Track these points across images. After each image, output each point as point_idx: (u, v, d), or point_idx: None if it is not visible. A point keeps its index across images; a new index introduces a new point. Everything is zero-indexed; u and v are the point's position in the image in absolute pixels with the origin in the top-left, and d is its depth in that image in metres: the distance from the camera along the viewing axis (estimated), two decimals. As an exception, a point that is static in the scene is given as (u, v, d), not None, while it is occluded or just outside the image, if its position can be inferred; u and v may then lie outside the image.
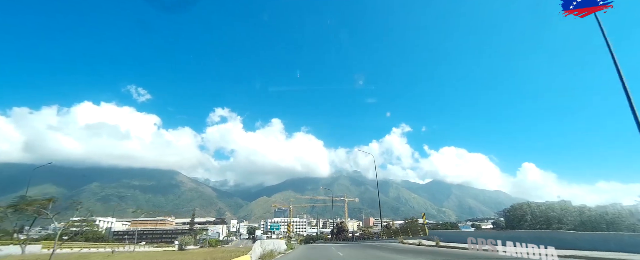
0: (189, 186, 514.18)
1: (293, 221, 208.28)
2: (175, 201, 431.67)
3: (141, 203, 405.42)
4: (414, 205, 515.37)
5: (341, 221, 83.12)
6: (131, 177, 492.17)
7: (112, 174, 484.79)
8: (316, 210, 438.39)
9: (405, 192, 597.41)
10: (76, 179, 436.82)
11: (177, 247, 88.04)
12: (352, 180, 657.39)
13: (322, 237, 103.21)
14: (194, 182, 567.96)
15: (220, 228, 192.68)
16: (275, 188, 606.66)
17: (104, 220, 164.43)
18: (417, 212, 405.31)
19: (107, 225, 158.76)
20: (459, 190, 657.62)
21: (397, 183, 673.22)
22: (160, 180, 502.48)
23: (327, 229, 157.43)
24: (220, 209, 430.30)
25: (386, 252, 24.71)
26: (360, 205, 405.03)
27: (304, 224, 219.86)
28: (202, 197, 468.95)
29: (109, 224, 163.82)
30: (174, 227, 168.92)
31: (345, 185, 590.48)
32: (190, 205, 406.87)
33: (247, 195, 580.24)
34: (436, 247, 25.53)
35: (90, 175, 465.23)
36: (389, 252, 24.53)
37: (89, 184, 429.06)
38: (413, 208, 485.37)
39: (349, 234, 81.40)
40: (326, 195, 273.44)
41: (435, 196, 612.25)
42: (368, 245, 40.16)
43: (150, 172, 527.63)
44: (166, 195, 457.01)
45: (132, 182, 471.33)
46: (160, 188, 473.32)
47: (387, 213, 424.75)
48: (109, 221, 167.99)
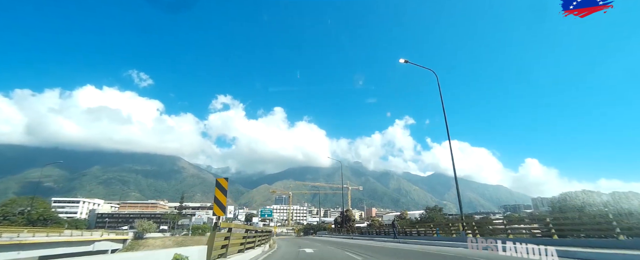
0: (190, 172, 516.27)
1: (293, 209, 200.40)
2: (177, 186, 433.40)
3: (143, 188, 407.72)
4: (414, 197, 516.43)
5: (347, 209, 74.43)
6: (133, 161, 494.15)
7: (114, 158, 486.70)
8: (318, 198, 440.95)
9: (406, 184, 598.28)
10: (78, 162, 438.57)
11: (131, 236, 72.38)
12: (353, 170, 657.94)
13: (325, 227, 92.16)
14: (196, 168, 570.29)
15: None
16: (276, 176, 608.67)
17: (89, 201, 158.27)
18: (418, 204, 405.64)
19: (90, 207, 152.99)
20: (459, 184, 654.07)
21: (399, 175, 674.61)
22: (162, 166, 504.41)
23: (329, 218, 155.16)
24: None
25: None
26: (361, 195, 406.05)
27: (304, 212, 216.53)
28: (203, 183, 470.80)
29: (95, 206, 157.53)
30: (165, 211, 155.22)
31: (346, 176, 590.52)
32: (191, 191, 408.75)
33: (248, 182, 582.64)
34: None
35: (92, 158, 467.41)
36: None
37: (91, 168, 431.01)
38: (413, 200, 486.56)
39: (355, 225, 71.49)
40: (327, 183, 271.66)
41: (436, 189, 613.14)
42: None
43: (152, 157, 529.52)
44: (168, 180, 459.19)
45: (134, 166, 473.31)
46: (162, 173, 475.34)
47: (387, 204, 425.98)
48: (95, 203, 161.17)
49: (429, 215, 56.67)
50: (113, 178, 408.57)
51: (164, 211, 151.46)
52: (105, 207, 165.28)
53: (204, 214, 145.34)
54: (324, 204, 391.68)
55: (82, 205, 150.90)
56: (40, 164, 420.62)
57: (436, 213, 57.61)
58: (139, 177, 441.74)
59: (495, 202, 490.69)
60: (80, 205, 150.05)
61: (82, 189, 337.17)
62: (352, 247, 21.08)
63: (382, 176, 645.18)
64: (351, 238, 40.99)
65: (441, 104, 23.11)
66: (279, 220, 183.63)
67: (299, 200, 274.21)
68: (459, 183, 17.78)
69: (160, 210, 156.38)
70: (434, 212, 58.01)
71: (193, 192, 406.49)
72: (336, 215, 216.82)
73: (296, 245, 27.89)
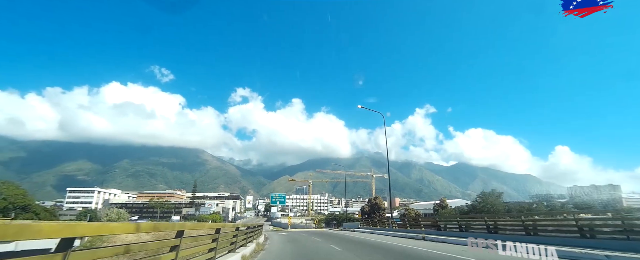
0: (213, 164, 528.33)
1: (313, 198, 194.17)
2: (201, 178, 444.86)
3: (169, 180, 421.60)
4: (437, 187, 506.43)
5: (376, 197, 67.60)
6: (159, 155, 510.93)
7: (141, 152, 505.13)
8: (339, 188, 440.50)
9: (429, 174, 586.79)
10: (108, 156, 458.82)
11: None
12: (374, 161, 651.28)
13: (350, 217, 78.76)
14: (219, 160, 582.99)
15: (233, 203, 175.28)
16: (296, 168, 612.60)
17: (104, 191, 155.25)
18: (441, 195, 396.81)
19: (105, 197, 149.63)
20: (484, 173, 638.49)
21: (420, 165, 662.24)
22: (187, 158, 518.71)
23: (351, 208, 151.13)
24: (243, 186, 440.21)
25: None
26: (382, 186, 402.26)
27: (325, 202, 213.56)
28: (226, 175, 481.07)
29: (111, 196, 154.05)
30: (180, 201, 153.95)
31: (367, 167, 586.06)
32: (215, 182, 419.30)
33: (269, 174, 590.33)
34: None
35: (120, 152, 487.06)
36: None
37: (120, 161, 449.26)
38: (436, 190, 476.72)
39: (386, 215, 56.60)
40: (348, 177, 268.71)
41: (459, 179, 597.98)
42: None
43: (177, 150, 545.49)
44: (193, 172, 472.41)
45: (161, 159, 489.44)
46: (186, 166, 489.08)
47: (409, 195, 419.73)
48: (111, 193, 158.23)
49: (484, 201, 41.05)
50: (141, 171, 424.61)
51: (180, 201, 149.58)
52: (122, 197, 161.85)
53: (215, 203, 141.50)
54: (345, 194, 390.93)
55: (97, 196, 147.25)
56: (74, 158, 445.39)
57: (495, 199, 41.02)
58: (165, 170, 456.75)
59: (523, 192, 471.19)
60: (95, 196, 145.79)
61: (112, 181, 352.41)
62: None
63: (403, 166, 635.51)
64: (402, 233, 24.26)
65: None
66: (299, 211, 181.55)
67: (319, 190, 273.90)
68: (484, 172, 16.67)
69: (176, 200, 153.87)
70: (491, 198, 41.34)
71: (217, 184, 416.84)
72: (359, 205, 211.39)
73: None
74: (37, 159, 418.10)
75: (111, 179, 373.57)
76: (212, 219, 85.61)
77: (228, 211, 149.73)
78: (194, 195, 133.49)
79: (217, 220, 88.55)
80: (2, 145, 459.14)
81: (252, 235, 16.61)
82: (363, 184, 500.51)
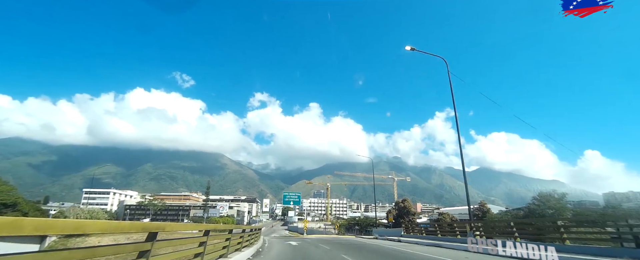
0: (232, 168, 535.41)
1: (331, 202, 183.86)
2: (220, 182, 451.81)
3: (190, 183, 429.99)
4: (458, 192, 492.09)
5: (403, 199, 60.58)
6: (180, 159, 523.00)
7: (163, 156, 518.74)
8: (357, 193, 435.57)
9: (449, 179, 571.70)
10: (132, 160, 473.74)
11: None
12: (392, 166, 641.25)
13: (377, 222, 67.70)
14: (238, 164, 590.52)
15: (248, 206, 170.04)
16: (314, 172, 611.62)
17: (120, 192, 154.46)
18: (462, 200, 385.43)
19: (120, 198, 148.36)
20: (508, 179, 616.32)
21: (441, 170, 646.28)
22: (206, 162, 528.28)
23: (371, 213, 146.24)
24: (262, 190, 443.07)
25: None
26: (401, 191, 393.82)
27: (344, 207, 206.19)
28: (245, 179, 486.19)
29: (127, 197, 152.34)
30: (195, 203, 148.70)
31: (385, 171, 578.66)
32: (234, 186, 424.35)
33: (287, 178, 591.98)
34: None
35: (144, 156, 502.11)
36: None
37: (144, 165, 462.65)
38: (458, 196, 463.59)
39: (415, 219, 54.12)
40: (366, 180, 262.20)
41: (482, 184, 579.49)
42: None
43: (197, 154, 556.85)
44: (212, 176, 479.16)
45: (182, 163, 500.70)
46: (206, 169, 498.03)
47: (430, 200, 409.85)
48: (126, 194, 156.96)
49: (545, 205, 29.87)
50: (163, 174, 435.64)
51: (195, 203, 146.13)
52: (139, 199, 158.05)
53: (228, 205, 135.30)
54: (363, 199, 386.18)
55: (113, 197, 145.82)
56: (100, 161, 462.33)
57: (557, 202, 29.87)
58: (186, 174, 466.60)
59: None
60: (111, 197, 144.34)
61: (136, 184, 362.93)
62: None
63: (423, 171, 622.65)
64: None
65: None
66: (317, 215, 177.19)
67: (337, 195, 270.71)
68: (508, 178, 14.37)
69: (191, 202, 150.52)
70: (553, 201, 29.92)
71: (235, 188, 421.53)
72: (380, 210, 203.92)
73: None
74: (67, 163, 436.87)
75: (135, 182, 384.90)
76: (223, 221, 76.86)
77: (243, 214, 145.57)
78: (207, 197, 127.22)
79: (229, 223, 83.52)
80: (35, 149, 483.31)
81: (248, 240, 14.93)
82: (381, 188, 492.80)
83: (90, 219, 30.00)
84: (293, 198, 57.71)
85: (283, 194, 59.09)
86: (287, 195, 59.36)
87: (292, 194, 60.13)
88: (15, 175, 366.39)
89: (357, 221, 75.78)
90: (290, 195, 59.25)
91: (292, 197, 58.26)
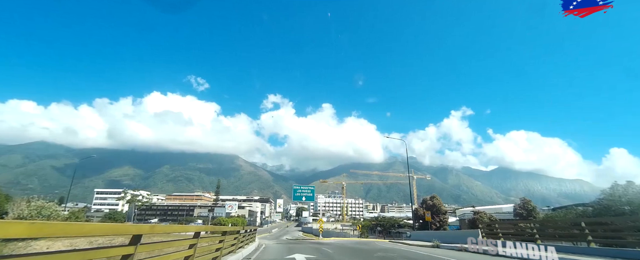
0: (247, 170, 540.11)
1: (347, 202, 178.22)
2: (235, 183, 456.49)
3: (206, 185, 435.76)
4: (476, 193, 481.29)
5: (432, 196, 50.82)
6: (196, 160, 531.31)
7: (180, 158, 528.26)
8: (371, 194, 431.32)
9: (467, 180, 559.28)
10: (150, 162, 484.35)
11: None
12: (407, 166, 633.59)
13: (400, 222, 64.73)
14: (252, 166, 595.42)
15: (261, 207, 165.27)
16: (328, 173, 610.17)
17: (132, 193, 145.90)
18: (481, 200, 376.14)
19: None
20: (528, 178, 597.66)
21: (457, 170, 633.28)
22: (222, 164, 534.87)
23: (387, 214, 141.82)
24: (276, 191, 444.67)
25: None
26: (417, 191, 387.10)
27: (360, 207, 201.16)
28: (260, 180, 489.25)
29: (140, 197, 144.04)
30: (207, 203, 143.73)
31: (400, 172, 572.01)
32: (249, 187, 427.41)
33: (302, 179, 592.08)
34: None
35: (162, 158, 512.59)
36: None
37: (161, 167, 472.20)
38: (476, 196, 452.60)
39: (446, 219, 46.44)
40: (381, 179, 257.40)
41: (500, 184, 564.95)
42: None
43: (212, 156, 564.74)
44: (228, 178, 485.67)
45: (198, 165, 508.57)
46: (222, 171, 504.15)
47: (446, 200, 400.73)
48: (139, 194, 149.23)
49: (619, 199, 21.11)
50: (180, 176, 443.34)
51: (207, 203, 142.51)
52: (152, 199, 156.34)
53: (236, 204, 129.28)
54: (378, 199, 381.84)
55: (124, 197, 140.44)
56: (120, 164, 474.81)
57: (636, 194, 21.04)
58: (203, 175, 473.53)
59: (575, 198, 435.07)
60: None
61: (154, 186, 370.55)
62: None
63: (439, 171, 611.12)
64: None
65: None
66: (332, 215, 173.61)
67: (351, 195, 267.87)
68: (528, 177, 12.42)
69: (203, 203, 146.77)
70: (631, 193, 21.20)
71: (250, 189, 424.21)
72: (397, 211, 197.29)
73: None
74: (88, 165, 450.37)
75: (153, 184, 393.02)
76: (232, 222, 74.51)
77: (256, 214, 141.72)
78: (217, 197, 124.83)
79: (239, 224, 77.88)
80: (59, 152, 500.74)
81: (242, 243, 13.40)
82: (396, 188, 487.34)
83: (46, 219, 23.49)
84: (305, 193, 46.51)
85: (293, 187, 48.30)
86: (298, 190, 47.17)
87: (305, 188, 48.28)
88: (41, 178, 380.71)
89: (379, 221, 67.87)
90: (301, 190, 47.16)
91: (304, 191, 46.81)
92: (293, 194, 46.51)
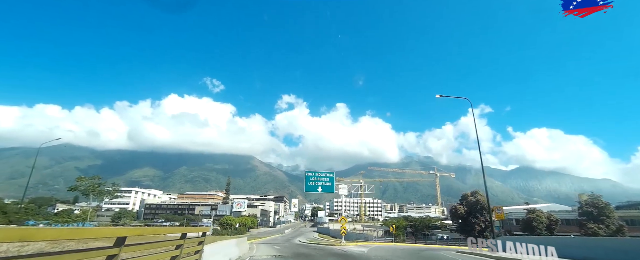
0: (263, 170, 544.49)
1: (365, 202, 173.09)
2: (251, 184, 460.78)
3: (223, 185, 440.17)
4: (497, 193, 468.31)
5: (474, 192, 47.99)
6: (213, 161, 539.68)
7: (197, 159, 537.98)
8: (387, 194, 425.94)
9: (486, 179, 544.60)
10: (169, 163, 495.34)
11: None
12: (424, 165, 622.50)
13: (436, 223, 60.01)
14: (268, 166, 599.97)
15: (275, 206, 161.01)
16: (343, 173, 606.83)
17: (142, 191, 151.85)
18: (501, 201, 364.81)
19: (142, 197, 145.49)
20: (552, 178, 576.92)
21: (476, 169, 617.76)
22: (238, 165, 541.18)
23: (405, 214, 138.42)
24: (292, 192, 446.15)
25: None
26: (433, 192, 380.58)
27: (379, 207, 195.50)
28: (275, 180, 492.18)
29: (149, 197, 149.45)
30: (218, 202, 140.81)
31: (417, 171, 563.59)
32: (265, 188, 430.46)
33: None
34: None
35: (179, 159, 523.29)
36: None
37: (179, 168, 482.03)
38: (496, 196, 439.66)
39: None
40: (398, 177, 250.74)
41: (522, 184, 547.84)
42: None
43: (228, 157, 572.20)
44: (244, 178, 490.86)
45: (215, 166, 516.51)
46: (238, 172, 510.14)
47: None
48: (150, 194, 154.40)
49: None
50: (198, 177, 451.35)
51: (219, 202, 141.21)
52: (163, 197, 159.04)
53: (245, 203, 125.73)
54: (394, 199, 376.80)
55: (135, 196, 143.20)
56: (140, 165, 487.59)
57: None
58: (219, 176, 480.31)
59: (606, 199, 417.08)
60: (133, 196, 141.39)
61: (173, 186, 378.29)
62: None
63: (456, 171, 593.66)
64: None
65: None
66: (350, 216, 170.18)
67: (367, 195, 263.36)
68: (551, 176, 11.73)
69: (214, 202, 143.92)
70: None
71: (266, 189, 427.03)
72: (415, 211, 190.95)
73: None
74: (111, 166, 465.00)
75: (172, 184, 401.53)
76: (241, 222, 69.51)
77: (269, 214, 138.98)
78: (226, 195, 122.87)
79: (248, 224, 72.03)
80: (83, 154, 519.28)
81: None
82: (413, 188, 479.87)
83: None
84: (322, 181, 37.27)
85: (306, 174, 39.22)
86: (311, 177, 37.83)
87: (321, 175, 38.69)
88: (66, 179, 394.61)
89: (410, 222, 61.03)
90: (317, 177, 37.77)
91: (321, 179, 37.49)
92: (305, 183, 37.35)
